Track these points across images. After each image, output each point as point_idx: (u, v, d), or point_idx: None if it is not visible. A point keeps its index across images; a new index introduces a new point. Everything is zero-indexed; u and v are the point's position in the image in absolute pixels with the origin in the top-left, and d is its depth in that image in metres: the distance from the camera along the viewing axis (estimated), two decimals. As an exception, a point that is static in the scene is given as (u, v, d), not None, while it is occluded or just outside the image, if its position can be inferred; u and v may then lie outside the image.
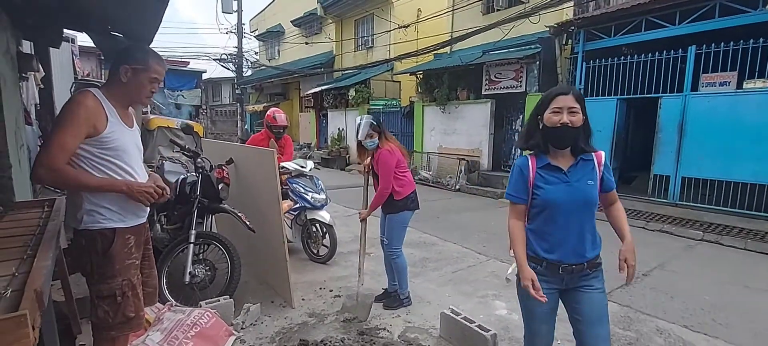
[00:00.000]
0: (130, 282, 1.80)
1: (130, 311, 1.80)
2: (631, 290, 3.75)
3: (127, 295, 1.78)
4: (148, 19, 2.71)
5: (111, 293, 1.75)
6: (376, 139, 3.18)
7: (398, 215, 3.19)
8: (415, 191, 3.26)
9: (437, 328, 2.91)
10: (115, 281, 1.75)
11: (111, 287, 1.75)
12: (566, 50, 8.27)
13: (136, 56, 1.78)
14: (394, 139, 3.29)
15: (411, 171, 4.17)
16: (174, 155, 4.77)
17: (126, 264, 1.79)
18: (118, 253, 1.75)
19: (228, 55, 18.91)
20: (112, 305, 1.77)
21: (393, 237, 3.25)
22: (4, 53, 2.68)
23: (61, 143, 1.60)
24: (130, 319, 1.82)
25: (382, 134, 3.21)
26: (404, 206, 3.18)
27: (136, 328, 1.89)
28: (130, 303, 1.80)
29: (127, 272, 1.79)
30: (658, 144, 6.98)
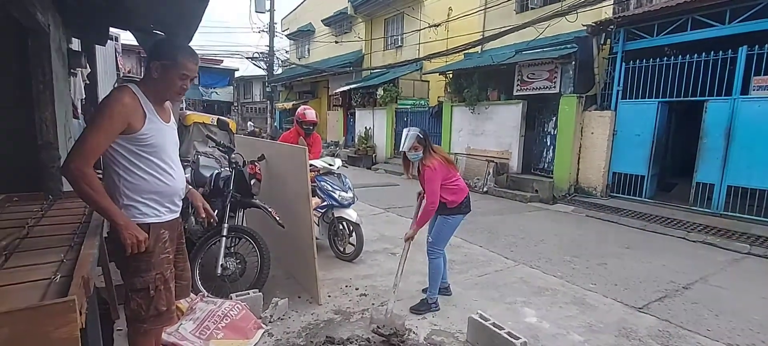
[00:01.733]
0: (163, 276, 1.82)
1: (161, 304, 1.83)
2: (670, 303, 3.56)
3: (159, 289, 1.81)
4: (189, 18, 2.80)
5: (144, 287, 1.78)
6: (420, 152, 3.11)
7: (451, 217, 3.17)
8: (468, 196, 3.23)
9: (464, 332, 2.86)
10: (148, 274, 1.78)
11: (145, 281, 1.78)
12: (604, 50, 7.95)
13: (165, 52, 1.76)
14: (440, 151, 3.22)
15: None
16: (208, 150, 4.91)
17: (160, 258, 1.81)
18: (153, 247, 1.77)
19: (260, 54, 19.40)
20: (145, 299, 1.79)
21: (439, 237, 3.22)
22: (57, 50, 2.84)
23: (94, 143, 1.61)
24: (162, 313, 1.84)
25: (427, 148, 3.13)
26: (458, 210, 3.16)
27: (167, 322, 1.91)
28: (163, 297, 1.83)
29: (160, 266, 1.81)
30: (702, 150, 6.59)
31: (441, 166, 3.06)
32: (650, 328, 3.10)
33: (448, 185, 3.10)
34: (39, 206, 2.33)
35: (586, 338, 2.91)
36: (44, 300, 1.19)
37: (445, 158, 3.15)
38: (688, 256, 4.97)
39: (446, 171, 3.09)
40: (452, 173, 3.15)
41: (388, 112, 13.58)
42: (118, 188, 1.74)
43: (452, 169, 3.16)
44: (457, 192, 3.13)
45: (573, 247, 5.16)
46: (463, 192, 3.17)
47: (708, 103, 6.49)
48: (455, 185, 3.14)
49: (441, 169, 3.05)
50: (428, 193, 3.06)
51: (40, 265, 1.50)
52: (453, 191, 3.12)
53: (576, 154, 8.22)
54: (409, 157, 3.17)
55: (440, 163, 3.07)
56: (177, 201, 1.90)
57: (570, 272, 4.25)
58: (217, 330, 2.64)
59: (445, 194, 3.08)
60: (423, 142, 3.11)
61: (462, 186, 3.19)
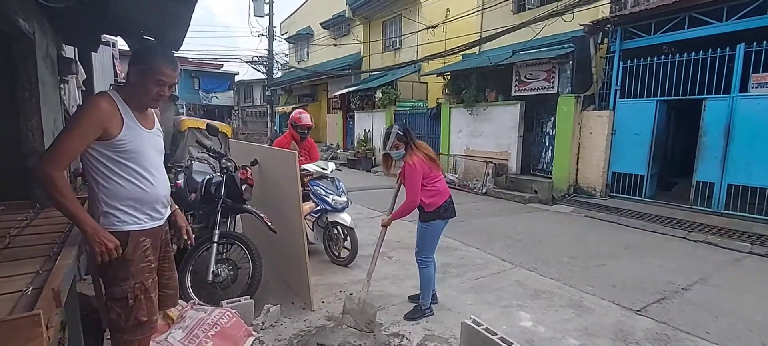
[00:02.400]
0: (143, 285, 1.78)
1: (142, 315, 1.78)
2: (668, 305, 3.51)
3: (139, 298, 1.76)
4: (176, 23, 2.79)
5: (123, 296, 1.74)
6: (402, 149, 3.07)
7: (430, 223, 3.07)
8: (450, 199, 3.10)
9: (458, 337, 2.82)
10: (127, 283, 1.74)
11: (123, 290, 1.74)
12: (602, 49, 7.90)
13: (141, 57, 1.74)
14: (424, 147, 3.12)
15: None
16: (203, 156, 4.91)
17: (140, 267, 1.77)
18: (132, 255, 1.74)
19: (259, 58, 19.43)
20: (124, 308, 1.75)
21: (423, 246, 3.15)
22: (44, 57, 2.83)
23: (66, 147, 1.59)
24: (142, 323, 1.80)
25: (409, 144, 3.07)
26: (436, 215, 3.04)
27: (148, 332, 1.86)
28: (142, 307, 1.78)
29: (140, 274, 1.77)
30: (702, 149, 6.53)
31: (421, 163, 2.99)
32: (648, 331, 3.05)
33: (427, 185, 3.01)
34: (24, 215, 2.30)
35: (582, 342, 2.87)
36: (12, 314, 1.16)
37: (427, 155, 3.06)
38: (688, 256, 4.92)
39: (427, 168, 3.02)
40: (434, 172, 3.06)
41: (387, 114, 13.55)
42: (96, 195, 1.72)
43: (435, 168, 3.07)
44: (436, 195, 3.02)
45: (571, 248, 5.11)
46: (443, 196, 3.05)
47: (706, 102, 6.43)
48: (434, 186, 3.04)
49: (421, 166, 2.98)
50: (408, 190, 3.01)
51: (16, 276, 1.47)
52: (431, 193, 3.01)
53: (575, 155, 8.18)
54: (392, 155, 3.13)
55: (421, 160, 3.00)
56: (159, 208, 1.85)
57: (567, 274, 4.20)
58: (207, 339, 2.60)
59: (425, 197, 3.00)
60: (404, 139, 3.06)
61: (442, 189, 3.07)
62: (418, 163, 2.96)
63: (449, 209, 3.10)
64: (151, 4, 2.60)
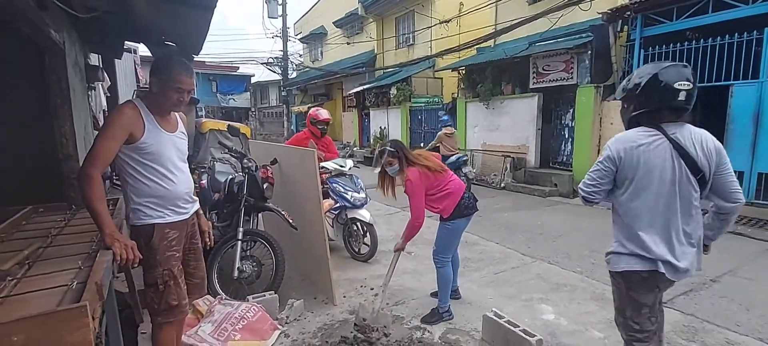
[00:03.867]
0: (171, 272, 1.95)
1: (172, 299, 1.97)
2: (696, 297, 3.43)
3: (168, 284, 1.95)
4: (196, 29, 2.88)
5: (154, 282, 1.94)
6: (396, 165, 2.94)
7: (449, 222, 2.95)
8: (467, 195, 2.95)
9: (479, 330, 2.83)
10: (156, 270, 1.93)
11: (153, 276, 1.93)
12: (621, 37, 7.70)
13: (160, 68, 1.91)
14: (422, 159, 2.93)
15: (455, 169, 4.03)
16: (224, 156, 5.02)
17: (166, 256, 1.94)
18: (158, 245, 1.92)
19: (274, 59, 19.66)
20: (156, 293, 1.95)
21: (441, 245, 3.03)
22: (74, 66, 2.96)
23: (101, 148, 1.75)
24: (173, 307, 1.99)
25: (403, 159, 2.92)
26: (457, 214, 2.90)
27: (179, 315, 2.05)
28: (173, 292, 1.97)
29: (167, 262, 1.94)
30: (729, 137, 6.30)
31: (421, 177, 2.84)
32: (675, 323, 2.99)
33: (434, 193, 2.88)
34: (62, 216, 2.43)
35: (606, 334, 2.83)
36: (61, 305, 1.24)
37: (426, 166, 2.89)
38: (716, 247, 4.72)
39: (429, 180, 2.86)
40: (439, 180, 2.89)
41: (403, 111, 13.55)
42: (127, 193, 1.92)
43: (439, 177, 2.89)
44: (446, 197, 2.88)
45: (593, 241, 5.03)
46: (456, 194, 2.90)
47: (733, 88, 6.20)
48: (443, 192, 2.89)
49: (421, 181, 2.83)
50: (412, 208, 2.86)
51: (59, 272, 1.56)
52: (441, 199, 2.88)
53: (595, 146, 8.01)
54: (389, 172, 3.00)
55: (419, 173, 2.85)
56: (182, 204, 2.03)
57: (590, 267, 4.14)
58: (235, 332, 2.69)
59: (433, 204, 2.89)
60: (396, 155, 2.92)
61: (453, 189, 2.91)
62: (417, 178, 2.83)
63: (469, 205, 2.95)
64: (172, 12, 2.69)
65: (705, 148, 1.72)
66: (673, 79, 1.69)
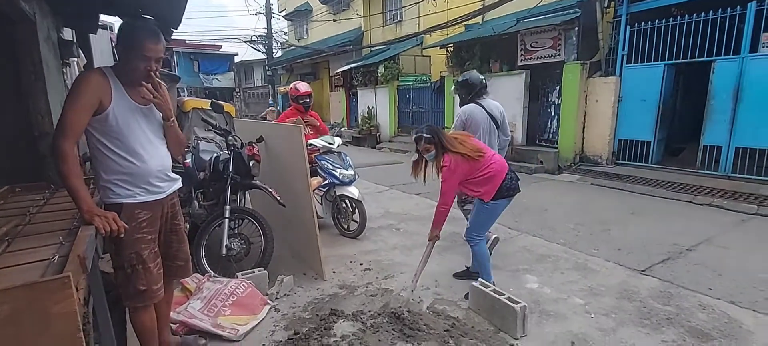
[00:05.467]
0: (139, 256, 1.84)
1: (141, 284, 1.86)
2: (673, 265, 3.56)
3: (136, 267, 1.84)
4: (174, 1, 2.76)
5: (120, 265, 1.85)
6: (433, 151, 2.82)
7: (491, 203, 2.84)
8: (509, 175, 2.84)
9: (466, 300, 2.90)
10: (123, 253, 1.83)
11: (120, 259, 1.84)
12: (608, 13, 7.71)
13: (123, 35, 1.76)
14: (460, 145, 2.78)
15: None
16: (208, 135, 4.93)
17: (134, 238, 1.83)
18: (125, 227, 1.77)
19: (258, 37, 19.19)
20: (123, 277, 1.86)
21: (476, 223, 2.95)
22: (46, 39, 2.83)
23: (70, 118, 1.65)
24: (141, 292, 1.87)
25: (439, 144, 2.80)
26: (498, 195, 2.82)
27: (149, 301, 1.94)
28: (141, 276, 1.86)
29: (135, 245, 1.84)
30: (710, 112, 6.45)
31: (460, 164, 2.73)
32: (652, 289, 3.11)
33: (475, 178, 2.78)
34: (41, 195, 2.37)
35: (587, 300, 2.94)
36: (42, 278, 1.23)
37: (465, 154, 2.74)
38: (694, 219, 4.94)
39: (468, 167, 2.75)
40: (479, 165, 2.77)
41: (390, 89, 13.44)
42: (96, 171, 1.82)
43: (478, 163, 2.77)
44: (489, 181, 2.78)
45: (577, 215, 5.15)
46: (499, 176, 2.79)
47: (715, 64, 6.31)
48: (484, 174, 2.77)
49: (459, 167, 2.73)
50: (441, 192, 2.78)
51: (40, 248, 1.54)
52: (483, 182, 2.78)
53: (581, 123, 8.11)
54: (427, 159, 2.89)
55: (458, 160, 2.73)
56: (155, 182, 1.90)
57: (573, 239, 4.25)
58: (225, 307, 2.71)
59: (474, 188, 2.81)
60: (433, 140, 2.80)
61: (495, 171, 2.79)
62: (455, 165, 2.73)
63: (512, 186, 2.85)
64: (149, -20, 2.59)
65: (498, 110, 3.59)
66: (476, 77, 3.63)
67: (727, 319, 2.70)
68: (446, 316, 2.74)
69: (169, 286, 2.23)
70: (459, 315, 2.76)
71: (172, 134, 2.01)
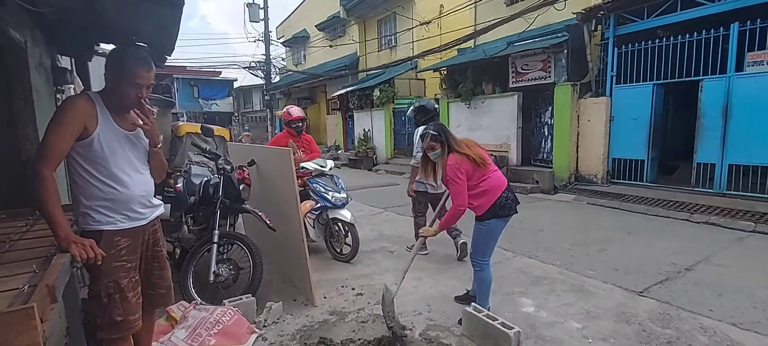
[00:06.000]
0: (117, 284, 1.77)
1: (117, 314, 1.77)
2: (671, 286, 3.50)
3: (113, 297, 1.76)
4: (166, 28, 2.81)
5: (96, 293, 1.76)
6: (439, 149, 2.77)
7: (484, 223, 2.75)
8: (506, 194, 2.73)
9: (459, 326, 2.83)
10: (101, 281, 1.75)
11: (97, 288, 1.75)
12: (596, 36, 7.88)
13: (113, 62, 1.75)
14: (466, 146, 2.75)
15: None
16: (202, 159, 4.93)
17: (112, 266, 1.76)
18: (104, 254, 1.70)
19: (257, 63, 19.48)
20: (99, 306, 1.76)
21: (477, 246, 2.85)
22: (37, 66, 2.85)
23: (52, 143, 1.61)
24: (117, 323, 1.78)
25: (446, 143, 2.75)
26: (491, 214, 2.71)
27: (125, 332, 1.84)
28: (117, 306, 1.77)
29: (113, 273, 1.77)
30: (701, 130, 6.51)
31: (464, 164, 2.66)
32: (651, 311, 3.04)
33: (474, 188, 2.69)
34: (24, 222, 2.32)
35: (584, 324, 2.87)
36: (9, 308, 1.18)
37: (470, 155, 2.68)
38: (691, 237, 4.90)
39: (472, 169, 2.68)
40: (482, 171, 2.70)
41: (386, 112, 13.57)
42: (76, 196, 1.76)
43: (481, 168, 2.69)
44: (484, 195, 2.68)
45: (573, 235, 5.10)
46: (494, 192, 2.70)
47: (703, 83, 6.41)
48: (480, 187, 2.69)
49: (464, 167, 2.65)
50: (452, 194, 2.69)
51: (14, 276, 1.49)
52: (478, 195, 2.69)
53: (574, 143, 8.16)
54: (431, 157, 2.84)
55: (463, 160, 2.67)
56: (137, 208, 1.85)
57: (569, 260, 4.20)
58: (210, 337, 2.62)
59: (470, 200, 2.71)
60: (439, 139, 2.76)
61: (491, 186, 2.70)
62: (457, 164, 2.65)
63: (507, 206, 2.73)
64: (140, 11, 2.62)
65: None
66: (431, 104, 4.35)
67: (730, 342, 2.63)
68: (439, 343, 2.66)
69: (150, 315, 2.15)
70: (452, 342, 2.68)
71: (156, 160, 1.99)
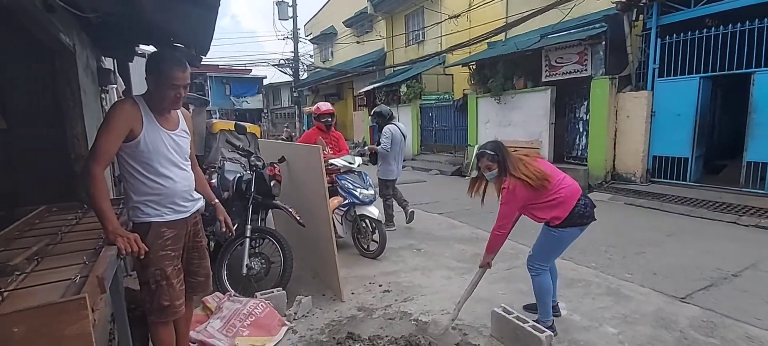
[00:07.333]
0: (164, 272, 1.93)
1: (164, 299, 1.94)
2: (716, 292, 3.31)
3: (160, 284, 1.93)
4: (202, 29, 2.90)
5: (146, 280, 1.93)
6: (495, 170, 2.59)
7: (556, 230, 2.56)
8: (582, 202, 2.53)
9: (488, 326, 2.78)
10: (149, 269, 1.92)
11: (146, 275, 1.93)
12: (637, 26, 7.49)
13: (151, 65, 1.88)
14: (523, 164, 2.54)
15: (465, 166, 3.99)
16: (234, 155, 5.09)
17: (159, 255, 1.92)
18: (152, 244, 1.88)
19: (285, 60, 19.84)
20: (148, 292, 1.95)
21: (540, 252, 2.68)
22: (85, 68, 3.02)
23: (102, 144, 1.76)
24: (164, 307, 1.95)
25: (504, 163, 2.56)
26: (568, 223, 2.52)
27: (171, 316, 2.01)
28: (164, 292, 1.94)
29: (160, 262, 1.92)
30: (752, 126, 6.07)
31: (522, 190, 2.46)
32: (693, 318, 2.88)
33: (540, 203, 2.52)
34: (74, 215, 2.48)
35: (620, 329, 2.75)
36: (62, 298, 1.26)
37: (527, 178, 2.46)
38: (739, 241, 4.60)
39: (531, 194, 2.50)
40: (543, 192, 2.50)
41: (413, 108, 13.50)
42: (127, 192, 1.93)
43: (543, 190, 2.49)
44: (560, 206, 2.49)
45: (609, 236, 4.90)
46: (569, 201, 2.50)
47: (755, 76, 5.97)
48: (553, 199, 2.50)
49: (521, 193, 2.47)
50: (499, 216, 2.55)
51: (65, 267, 1.59)
52: (552, 206, 2.50)
53: (611, 140, 7.82)
54: (487, 177, 2.66)
55: (521, 186, 2.46)
56: (181, 202, 2.00)
57: (605, 263, 4.04)
58: (243, 328, 2.72)
59: (538, 214, 2.56)
60: (496, 159, 2.57)
61: (564, 196, 2.51)
62: (518, 190, 2.47)
63: (585, 214, 2.53)
64: (177, 12, 2.72)
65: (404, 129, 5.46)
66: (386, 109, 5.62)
67: (780, 353, 2.46)
68: (467, 343, 2.63)
69: (189, 303, 2.28)
70: (480, 343, 2.64)
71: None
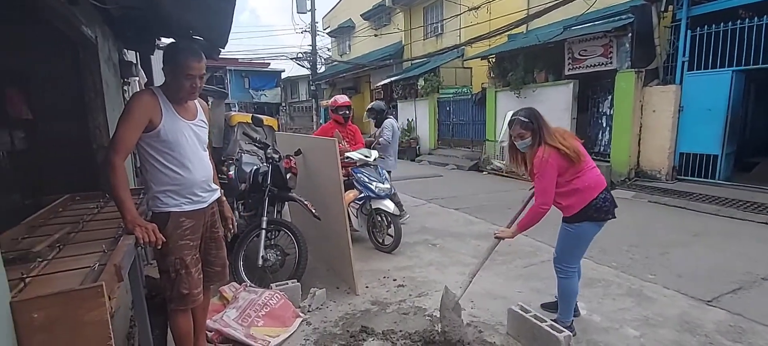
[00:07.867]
0: (183, 261, 1.97)
1: (183, 287, 1.99)
2: (744, 296, 3.16)
3: (180, 272, 1.97)
4: (220, 22, 2.92)
5: (166, 269, 1.97)
6: (529, 139, 2.43)
7: (572, 226, 2.46)
8: (603, 196, 2.40)
9: (504, 324, 2.74)
10: (168, 258, 1.96)
11: (165, 263, 1.97)
12: (666, 18, 7.18)
13: (167, 56, 1.90)
14: (560, 137, 2.39)
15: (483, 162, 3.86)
16: (252, 148, 5.14)
17: (178, 244, 1.96)
18: (171, 233, 1.92)
19: (303, 54, 19.94)
20: (168, 280, 1.99)
21: (562, 250, 2.57)
22: (107, 61, 3.09)
23: (122, 135, 1.79)
24: (184, 295, 2.00)
25: (539, 131, 2.40)
26: (583, 216, 2.40)
27: (190, 304, 2.05)
28: (184, 280, 1.98)
29: (179, 251, 1.96)
30: (789, 123, 5.77)
31: (556, 158, 2.32)
32: (719, 323, 2.76)
33: (562, 184, 2.37)
34: (96, 204, 2.54)
35: (642, 332, 2.66)
36: (81, 285, 1.29)
37: (564, 147, 2.33)
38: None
39: (565, 164, 2.35)
40: (573, 169, 2.37)
41: (430, 102, 13.37)
42: (147, 182, 1.97)
43: (576, 164, 2.36)
44: (576, 193, 2.37)
45: (631, 235, 4.75)
46: (589, 192, 2.37)
47: (795, 69, 5.66)
48: (573, 185, 2.37)
49: (555, 162, 2.32)
50: (537, 191, 2.42)
51: (86, 255, 1.62)
52: (567, 194, 2.38)
53: (636, 135, 7.56)
54: (518, 146, 2.53)
55: (555, 154, 2.32)
56: (199, 192, 2.03)
57: (627, 263, 3.92)
58: (258, 318, 2.75)
59: (557, 199, 2.41)
60: (530, 126, 2.41)
61: (586, 185, 2.37)
62: (552, 158, 2.32)
63: (603, 209, 2.39)
64: (195, 4, 2.75)
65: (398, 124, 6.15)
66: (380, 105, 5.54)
67: (815, 362, 2.33)
68: (483, 341, 2.59)
69: (206, 292, 2.32)
70: (496, 341, 2.60)
71: None
